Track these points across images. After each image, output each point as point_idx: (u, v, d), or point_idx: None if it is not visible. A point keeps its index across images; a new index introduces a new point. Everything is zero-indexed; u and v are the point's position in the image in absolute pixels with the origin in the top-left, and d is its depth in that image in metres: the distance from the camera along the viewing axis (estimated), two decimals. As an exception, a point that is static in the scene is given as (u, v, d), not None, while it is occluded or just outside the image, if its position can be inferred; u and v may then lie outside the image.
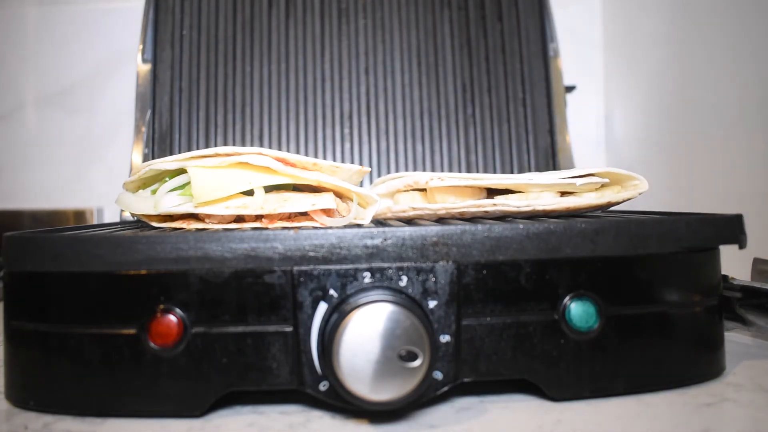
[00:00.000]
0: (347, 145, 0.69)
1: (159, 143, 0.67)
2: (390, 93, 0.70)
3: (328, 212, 0.38)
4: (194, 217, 0.38)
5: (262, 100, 0.69)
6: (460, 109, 0.70)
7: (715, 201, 0.69)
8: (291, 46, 0.70)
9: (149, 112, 0.68)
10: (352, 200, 0.39)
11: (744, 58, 0.65)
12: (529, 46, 0.71)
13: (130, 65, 0.92)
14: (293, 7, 0.71)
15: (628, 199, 0.42)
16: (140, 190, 0.42)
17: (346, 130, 0.69)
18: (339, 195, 0.39)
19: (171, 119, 0.68)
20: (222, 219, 0.37)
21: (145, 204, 0.39)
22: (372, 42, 0.71)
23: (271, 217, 0.37)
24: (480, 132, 0.69)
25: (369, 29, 0.71)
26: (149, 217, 0.40)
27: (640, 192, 0.42)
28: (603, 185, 0.42)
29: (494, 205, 0.39)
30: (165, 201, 0.38)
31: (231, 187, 0.36)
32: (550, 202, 0.39)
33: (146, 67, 0.70)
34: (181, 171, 0.38)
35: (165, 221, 0.40)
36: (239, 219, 0.38)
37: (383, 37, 0.71)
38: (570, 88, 0.75)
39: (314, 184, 0.38)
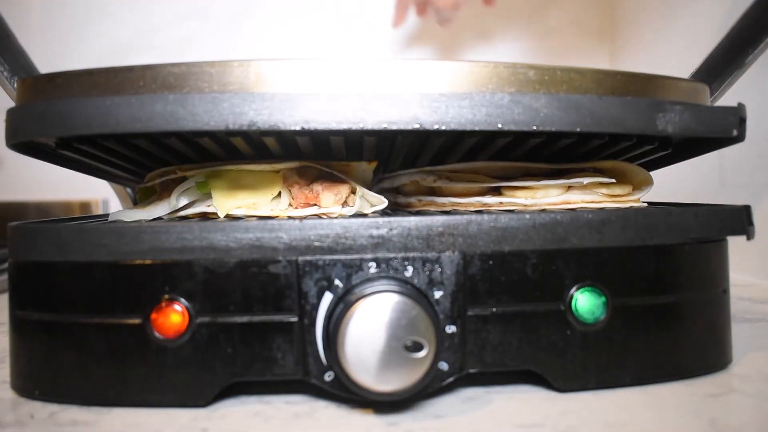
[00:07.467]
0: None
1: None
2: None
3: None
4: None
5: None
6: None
7: (718, 193, 0.69)
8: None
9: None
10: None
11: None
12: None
13: (135, 54, 0.92)
14: None
15: (635, 200, 0.42)
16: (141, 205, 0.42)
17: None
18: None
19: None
20: None
21: (148, 213, 0.39)
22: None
23: None
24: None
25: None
26: None
27: (645, 191, 0.41)
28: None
29: (501, 204, 0.39)
30: (176, 203, 0.38)
31: (255, 194, 0.37)
32: (557, 200, 0.39)
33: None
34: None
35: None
36: None
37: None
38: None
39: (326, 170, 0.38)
